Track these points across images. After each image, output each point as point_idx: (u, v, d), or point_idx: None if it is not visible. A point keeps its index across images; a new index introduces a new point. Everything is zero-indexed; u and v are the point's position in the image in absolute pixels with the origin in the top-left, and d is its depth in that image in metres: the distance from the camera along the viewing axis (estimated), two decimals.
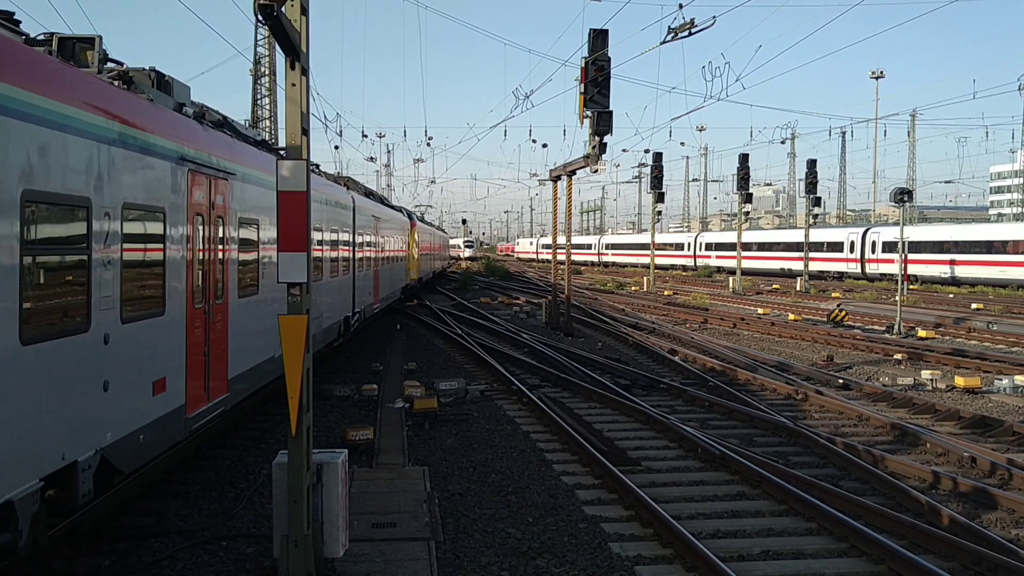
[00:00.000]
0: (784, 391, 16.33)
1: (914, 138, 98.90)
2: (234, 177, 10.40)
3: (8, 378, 5.67)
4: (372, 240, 23.59)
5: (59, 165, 6.37)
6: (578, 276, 64.89)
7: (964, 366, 19.74)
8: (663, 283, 55.91)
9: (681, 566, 7.80)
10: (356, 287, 20.23)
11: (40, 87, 6.15)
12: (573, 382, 16.94)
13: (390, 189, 59.86)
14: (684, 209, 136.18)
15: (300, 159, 6.97)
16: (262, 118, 41.23)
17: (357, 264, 20.54)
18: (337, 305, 17.87)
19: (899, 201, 27.81)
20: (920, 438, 12.46)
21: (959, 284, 48.98)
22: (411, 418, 13.74)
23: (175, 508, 9.16)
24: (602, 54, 21.96)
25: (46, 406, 6.15)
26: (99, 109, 7.09)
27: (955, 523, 8.60)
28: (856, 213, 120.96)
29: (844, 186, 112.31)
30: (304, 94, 7.04)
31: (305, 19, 6.99)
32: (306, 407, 6.93)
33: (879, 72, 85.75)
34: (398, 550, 7.91)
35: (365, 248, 22.11)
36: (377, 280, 24.71)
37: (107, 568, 7.48)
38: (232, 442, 12.03)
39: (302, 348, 6.78)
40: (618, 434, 12.89)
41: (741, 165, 49.92)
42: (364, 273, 21.94)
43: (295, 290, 6.93)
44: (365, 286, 22.00)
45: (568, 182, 27.60)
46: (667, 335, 26.04)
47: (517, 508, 9.43)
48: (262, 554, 7.80)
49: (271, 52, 40.31)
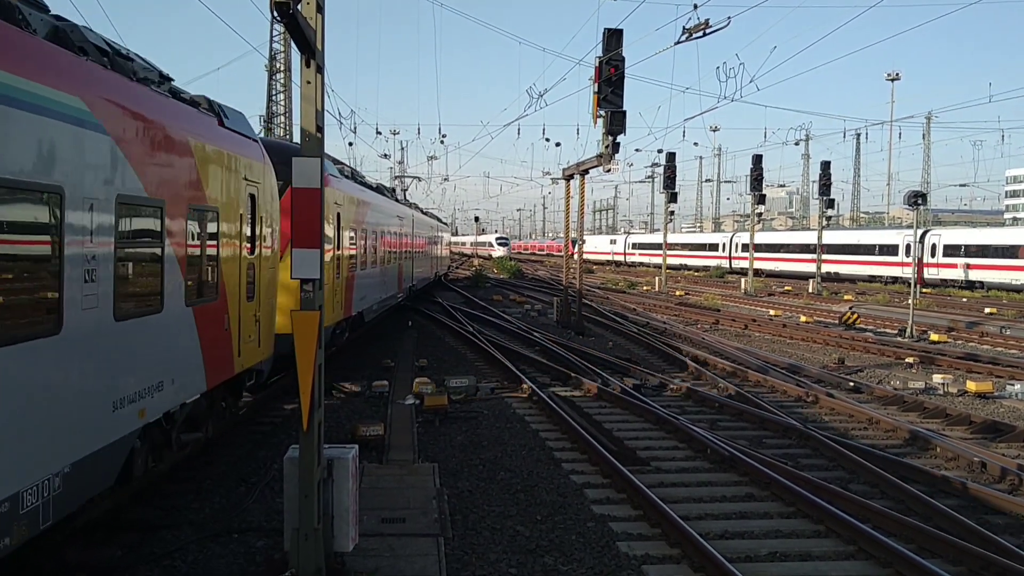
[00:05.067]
0: (795, 393, 16.29)
1: (929, 141, 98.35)
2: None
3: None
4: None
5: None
6: (590, 275, 64.88)
7: (976, 371, 19.64)
8: (675, 283, 55.79)
9: (688, 566, 7.82)
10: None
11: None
12: (584, 381, 16.95)
13: (400, 181, 58.57)
14: (697, 209, 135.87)
15: (315, 156, 7.02)
16: (277, 114, 41.37)
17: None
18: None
19: (913, 204, 27.68)
20: (930, 442, 12.42)
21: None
22: (421, 415, 13.80)
23: (187, 501, 9.25)
24: (616, 54, 21.95)
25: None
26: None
27: (964, 528, 8.57)
28: (870, 216, 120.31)
29: (858, 188, 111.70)
30: (319, 91, 7.08)
31: (320, 17, 7.04)
32: (317, 403, 6.99)
33: (895, 74, 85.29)
34: (407, 545, 7.96)
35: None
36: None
37: (120, 559, 7.57)
38: (243, 436, 12.12)
39: (314, 344, 6.82)
40: (627, 434, 12.91)
41: (754, 166, 49.76)
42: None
43: (308, 286, 6.98)
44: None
45: (581, 181, 27.60)
46: (678, 335, 26.01)
47: (526, 506, 9.47)
48: (272, 547, 7.87)
49: (286, 48, 40.43)
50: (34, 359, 5.88)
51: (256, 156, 11.30)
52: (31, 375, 5.86)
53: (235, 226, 10.21)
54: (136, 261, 7.50)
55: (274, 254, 12.17)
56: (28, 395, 5.81)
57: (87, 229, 6.57)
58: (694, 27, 19.01)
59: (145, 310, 7.67)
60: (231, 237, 10.05)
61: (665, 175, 53.23)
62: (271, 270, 11.96)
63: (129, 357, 7.36)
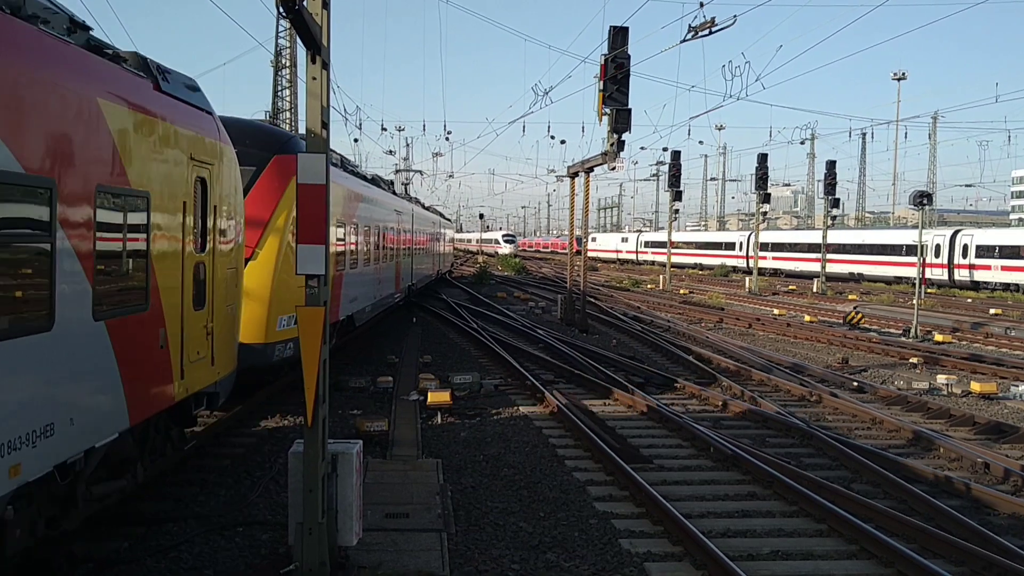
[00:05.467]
0: (798, 392, 16.30)
1: (935, 141, 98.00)
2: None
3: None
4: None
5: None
6: (594, 273, 64.85)
7: (980, 371, 19.61)
8: (679, 282, 55.76)
9: (690, 564, 7.84)
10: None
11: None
12: (587, 378, 16.97)
13: (402, 175, 57.67)
14: (702, 208, 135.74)
15: (320, 152, 7.05)
16: (282, 110, 41.45)
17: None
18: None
19: (918, 204, 27.65)
20: (934, 443, 12.42)
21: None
22: (425, 411, 13.84)
23: (192, 494, 9.30)
24: (622, 51, 21.93)
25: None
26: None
27: (966, 528, 8.58)
28: (875, 215, 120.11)
29: (863, 188, 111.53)
30: (324, 88, 7.11)
31: (326, 13, 7.07)
32: (322, 398, 7.02)
33: (901, 74, 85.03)
34: (411, 540, 8.00)
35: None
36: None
37: (126, 551, 7.62)
38: (249, 430, 12.17)
39: (319, 339, 6.86)
40: (630, 432, 12.93)
41: (760, 165, 49.73)
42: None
43: (313, 282, 7.02)
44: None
45: (586, 179, 27.59)
46: (682, 334, 26.02)
47: (529, 502, 9.50)
48: (277, 541, 7.92)
49: (292, 44, 40.51)
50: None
51: (209, 132, 9.31)
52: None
53: (175, 217, 8.22)
54: (4, 262, 5.52)
55: (237, 250, 10.23)
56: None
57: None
58: (700, 25, 18.98)
59: (20, 327, 5.63)
60: (169, 230, 8.07)
61: (670, 173, 53.25)
62: (231, 270, 9.94)
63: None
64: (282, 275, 12.82)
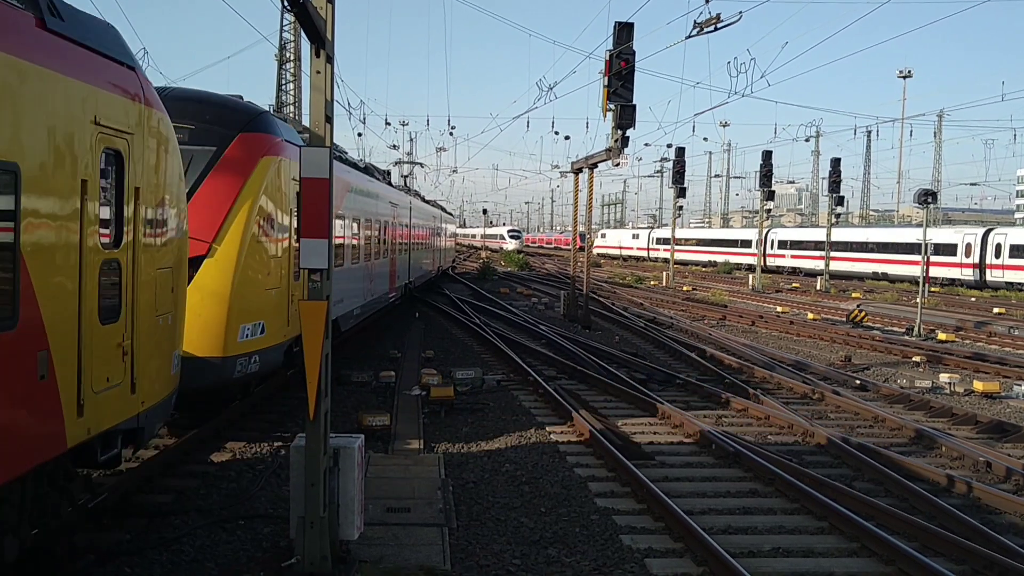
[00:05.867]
0: (801, 390, 16.29)
1: (940, 139, 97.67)
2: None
3: None
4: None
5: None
6: (597, 269, 64.82)
7: (983, 370, 19.58)
8: (682, 278, 55.72)
9: (691, 560, 7.85)
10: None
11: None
12: (589, 375, 16.98)
13: (402, 167, 56.95)
14: (706, 205, 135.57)
15: (323, 146, 7.05)
16: (286, 104, 41.45)
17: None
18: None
19: (923, 202, 27.58)
20: (936, 441, 12.40)
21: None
22: (427, 406, 13.85)
23: (194, 487, 9.32)
24: (627, 47, 21.89)
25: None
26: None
27: (968, 527, 8.58)
28: (879, 213, 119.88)
29: (868, 186, 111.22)
30: (328, 82, 7.11)
31: (331, 7, 7.07)
32: (324, 392, 7.03)
33: (907, 71, 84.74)
34: (412, 535, 8.02)
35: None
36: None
37: (128, 543, 7.64)
38: (251, 424, 12.19)
39: (322, 333, 6.87)
40: (632, 428, 12.93)
41: (764, 162, 49.64)
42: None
43: (316, 276, 7.03)
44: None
45: (589, 175, 27.57)
46: (685, 331, 26.01)
47: (530, 498, 9.51)
48: (278, 534, 7.94)
49: (296, 38, 40.47)
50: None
51: (128, 90, 7.12)
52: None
53: (67, 200, 6.07)
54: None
55: (175, 245, 8.20)
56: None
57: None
58: (705, 21, 18.95)
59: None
60: (55, 217, 5.92)
61: (674, 170, 53.16)
62: (165, 270, 7.85)
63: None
64: (246, 274, 10.83)
